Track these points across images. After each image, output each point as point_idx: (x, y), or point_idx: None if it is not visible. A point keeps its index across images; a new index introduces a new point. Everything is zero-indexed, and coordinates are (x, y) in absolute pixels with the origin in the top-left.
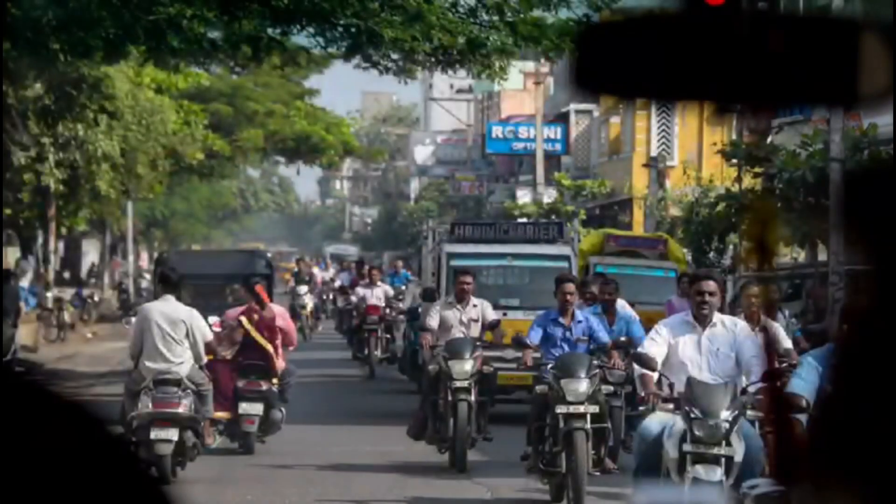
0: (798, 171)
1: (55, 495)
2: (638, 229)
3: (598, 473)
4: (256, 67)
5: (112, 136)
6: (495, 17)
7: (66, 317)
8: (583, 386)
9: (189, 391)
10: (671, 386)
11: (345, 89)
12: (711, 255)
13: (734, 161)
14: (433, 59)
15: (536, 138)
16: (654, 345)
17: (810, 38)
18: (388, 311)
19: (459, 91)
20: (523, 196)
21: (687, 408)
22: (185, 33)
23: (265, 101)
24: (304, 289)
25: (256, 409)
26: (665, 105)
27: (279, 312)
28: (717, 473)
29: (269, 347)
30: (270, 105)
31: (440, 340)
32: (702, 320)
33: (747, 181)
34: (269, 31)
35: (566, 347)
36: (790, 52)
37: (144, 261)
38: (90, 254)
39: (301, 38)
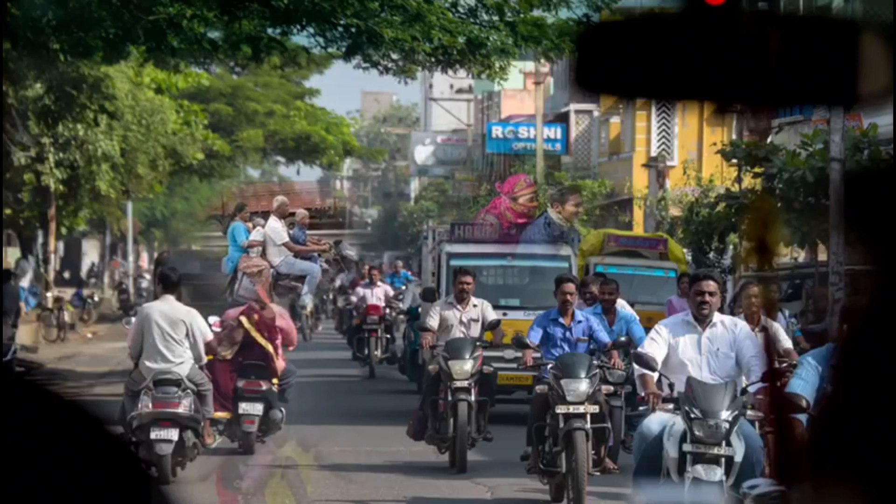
0: (798, 171)
1: (56, 495)
2: (638, 229)
3: (598, 473)
4: (256, 67)
5: (112, 136)
6: (495, 17)
7: (66, 317)
8: (583, 386)
9: (189, 391)
10: (671, 386)
11: (345, 89)
12: (711, 255)
13: (734, 161)
14: (433, 59)
15: (536, 138)
16: (654, 345)
17: (810, 38)
18: (388, 311)
19: (459, 91)
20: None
21: (687, 408)
22: (185, 33)
23: (265, 101)
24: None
25: (256, 409)
26: (665, 105)
27: (279, 312)
28: (717, 473)
29: (269, 347)
30: (270, 105)
31: (440, 340)
32: (702, 320)
33: (747, 181)
34: (269, 31)
35: (566, 347)
36: (790, 52)
37: (144, 261)
38: (90, 254)
39: (301, 38)
